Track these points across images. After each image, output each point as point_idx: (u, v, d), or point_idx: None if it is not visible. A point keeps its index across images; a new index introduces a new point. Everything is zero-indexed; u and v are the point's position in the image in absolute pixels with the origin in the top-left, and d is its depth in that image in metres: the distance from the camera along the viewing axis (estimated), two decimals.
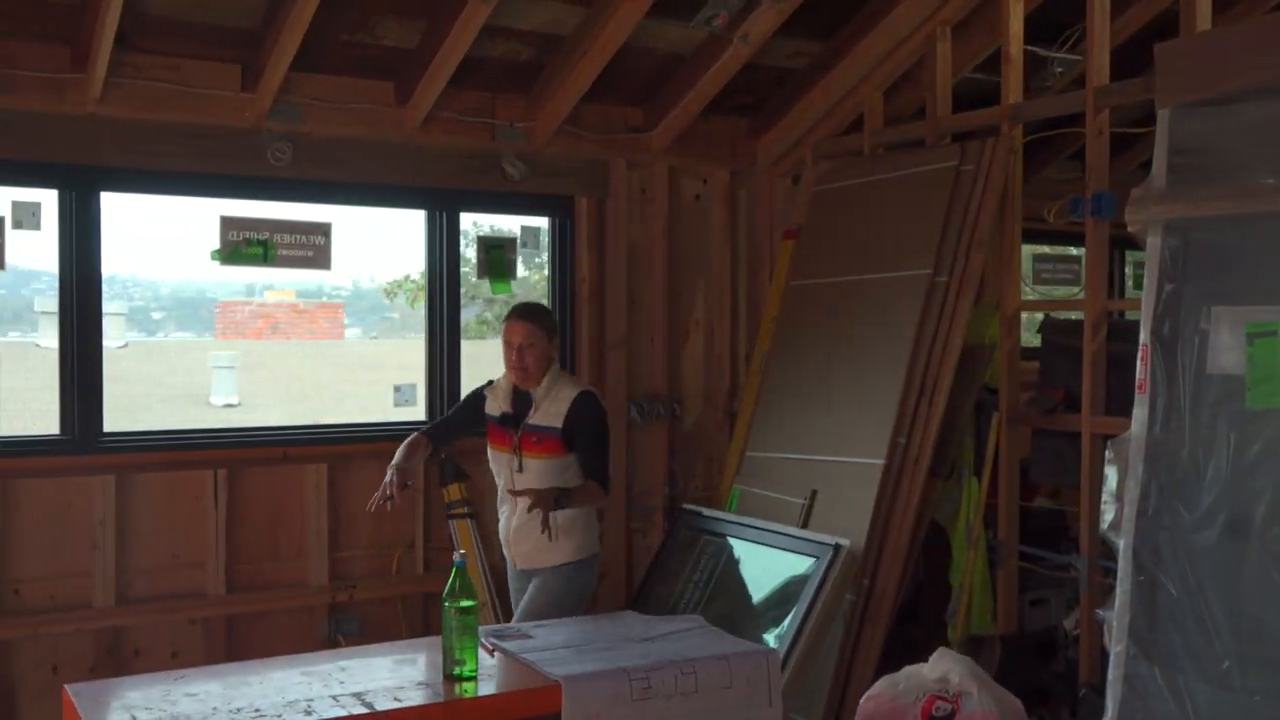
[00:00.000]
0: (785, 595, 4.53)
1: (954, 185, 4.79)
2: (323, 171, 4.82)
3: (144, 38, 4.32)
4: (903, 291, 4.83)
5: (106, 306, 4.73)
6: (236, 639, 4.75)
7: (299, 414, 12.86)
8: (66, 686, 2.79)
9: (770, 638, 4.38)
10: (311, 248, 4.88)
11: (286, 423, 9.05)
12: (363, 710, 2.57)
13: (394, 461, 4.15)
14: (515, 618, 4.18)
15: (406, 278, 18.06)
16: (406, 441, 4.25)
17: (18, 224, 4.35)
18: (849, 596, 4.50)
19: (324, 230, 4.90)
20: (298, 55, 4.36)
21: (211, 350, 15.48)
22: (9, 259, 4.36)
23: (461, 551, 2.88)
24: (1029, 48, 5.00)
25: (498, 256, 5.35)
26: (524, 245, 5.56)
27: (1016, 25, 4.77)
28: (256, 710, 2.55)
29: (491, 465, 4.26)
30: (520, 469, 4.07)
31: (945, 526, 4.98)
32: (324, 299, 21.49)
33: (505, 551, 4.29)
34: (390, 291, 18.70)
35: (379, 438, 5.13)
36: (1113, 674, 3.69)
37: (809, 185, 5.59)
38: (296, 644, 4.75)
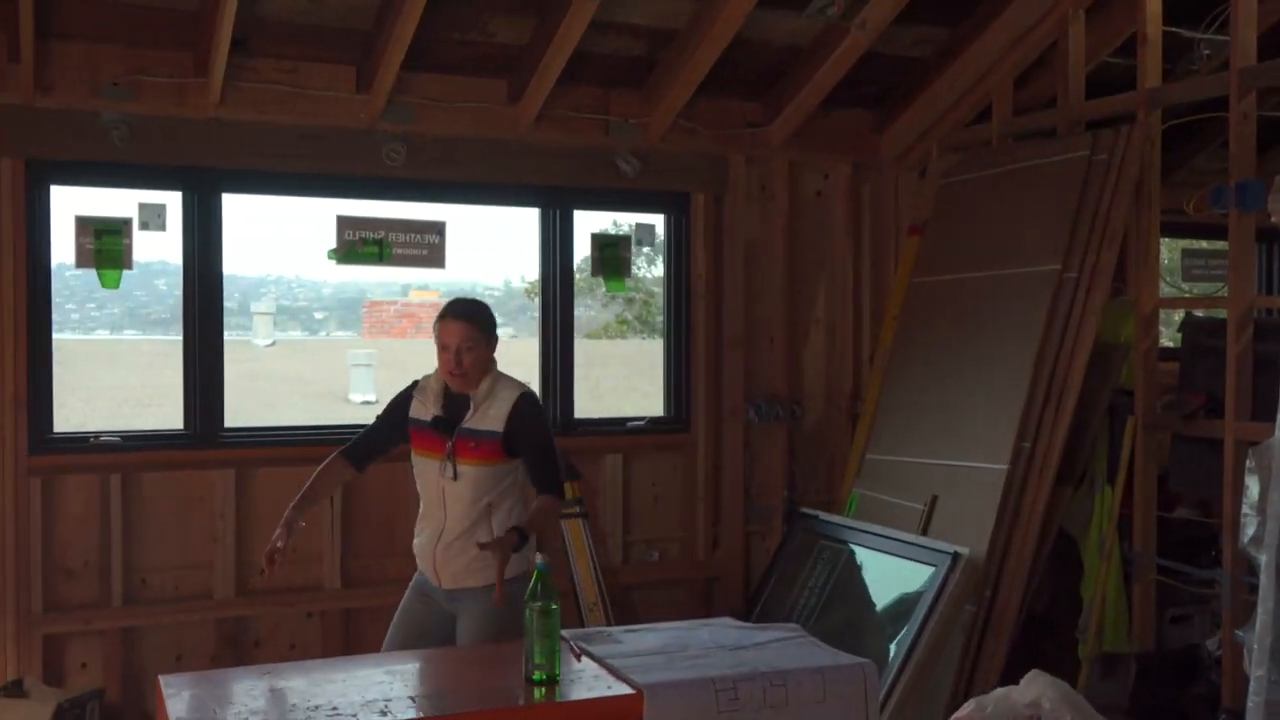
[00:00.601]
0: (903, 604, 4.36)
1: (1086, 176, 4.54)
2: (436, 171, 4.85)
3: (262, 42, 4.42)
4: (1030, 288, 4.60)
5: (255, 306, 4.85)
6: (352, 633, 4.82)
7: None
8: (160, 677, 2.84)
9: (889, 648, 4.22)
10: (426, 246, 4.92)
11: None
12: (438, 712, 2.54)
13: (291, 505, 3.65)
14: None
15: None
16: (320, 467, 3.72)
17: (144, 225, 4.49)
18: (969, 607, 4.30)
19: (438, 229, 4.93)
20: (410, 55, 4.39)
21: (351, 349, 15.92)
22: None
23: (543, 556, 2.81)
24: (1173, 30, 4.70)
25: (612, 254, 5.30)
26: (639, 243, 5.50)
27: (1154, 5, 4.50)
28: (334, 708, 2.54)
29: (416, 474, 3.69)
30: (455, 476, 3.54)
31: (1076, 537, 4.73)
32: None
33: (423, 567, 3.69)
34: (531, 291, 18.95)
35: None
36: (1252, 701, 3.42)
37: (934, 178, 5.38)
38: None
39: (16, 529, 4.31)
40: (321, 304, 27.75)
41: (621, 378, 14.24)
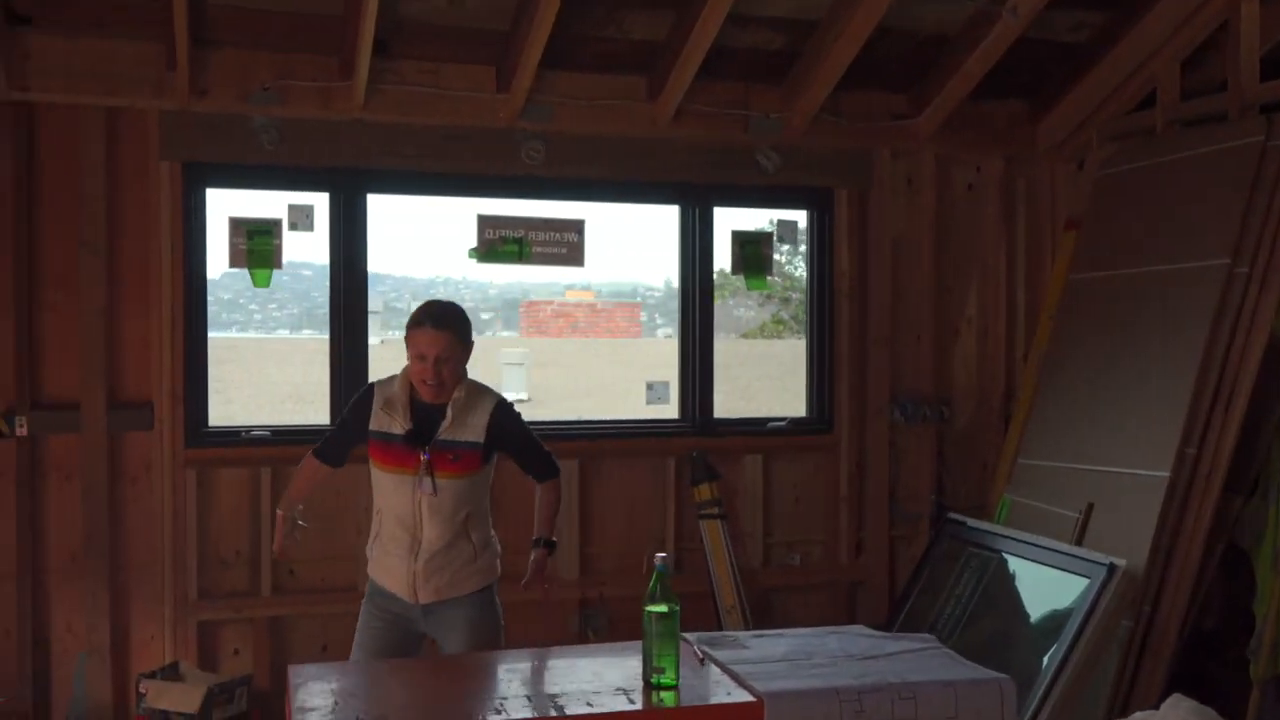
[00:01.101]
0: (1055, 618, 4.14)
1: (1259, 163, 4.23)
2: (575, 169, 4.85)
3: (403, 44, 4.49)
4: (1197, 284, 4.32)
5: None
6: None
7: (581, 410, 13.24)
8: (290, 666, 2.89)
9: (1040, 664, 4.02)
10: (565, 245, 4.92)
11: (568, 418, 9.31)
12: (553, 713, 2.51)
13: (281, 504, 3.69)
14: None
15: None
16: (301, 469, 3.66)
17: (293, 226, 4.62)
18: (1126, 623, 4.07)
19: (576, 227, 4.93)
20: (548, 54, 4.39)
21: (503, 348, 16.21)
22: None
23: (662, 555, 2.74)
24: None
25: (753, 252, 5.21)
26: (780, 240, 5.39)
27: None
28: (452, 704, 2.53)
29: (376, 489, 3.48)
30: (435, 491, 3.32)
31: (1248, 550, 4.41)
32: (637, 298, 22.05)
33: (392, 586, 3.45)
34: None
35: (630, 435, 5.13)
36: None
37: (1093, 170, 5.11)
38: (548, 637, 4.78)
39: (174, 519, 4.48)
40: (487, 304, 28.49)
41: (774, 378, 14.09)
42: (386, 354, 4.84)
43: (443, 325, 3.32)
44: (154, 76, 4.31)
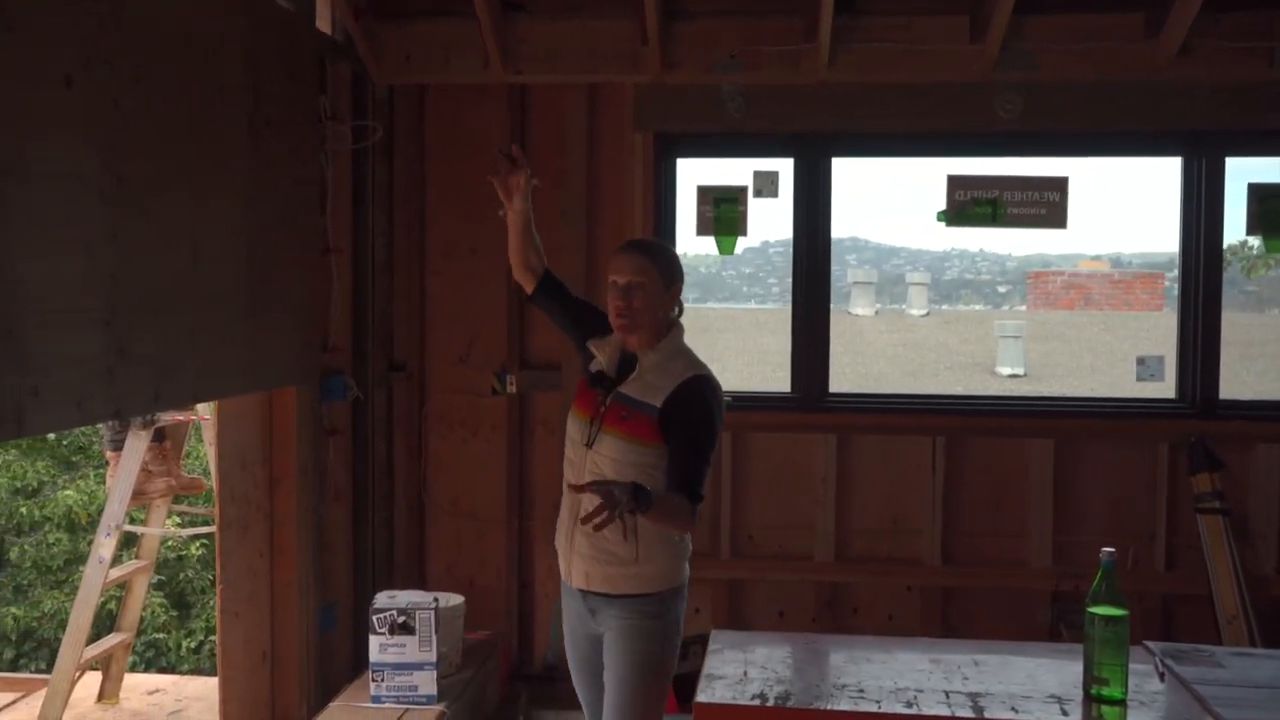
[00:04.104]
0: None
1: None
2: (1055, 121, 4.42)
3: (873, 0, 4.32)
4: None
5: (911, 277, 4.84)
6: (952, 611, 4.61)
7: (1082, 388, 12.25)
8: (713, 631, 2.88)
9: None
10: (1045, 205, 4.51)
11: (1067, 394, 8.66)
12: (969, 714, 2.27)
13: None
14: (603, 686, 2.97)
15: (1244, 244, 16.26)
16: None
17: (758, 193, 4.62)
18: None
19: (1059, 185, 4.50)
20: None
21: (998, 320, 15.41)
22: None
23: (1109, 550, 2.40)
24: None
25: (1274, 208, 4.48)
26: None
27: None
28: (860, 690, 2.38)
29: (568, 433, 3.02)
30: (591, 443, 2.86)
31: None
32: (1172, 270, 20.15)
33: (562, 568, 3.02)
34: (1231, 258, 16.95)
35: (1115, 414, 4.64)
36: None
37: None
38: (1013, 628, 4.48)
39: None
40: (1005, 277, 27.44)
41: None
42: (879, 325, 4.73)
43: (640, 250, 2.96)
44: (629, 52, 4.48)
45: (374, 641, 3.82)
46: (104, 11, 2.68)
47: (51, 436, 10.89)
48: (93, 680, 4.84)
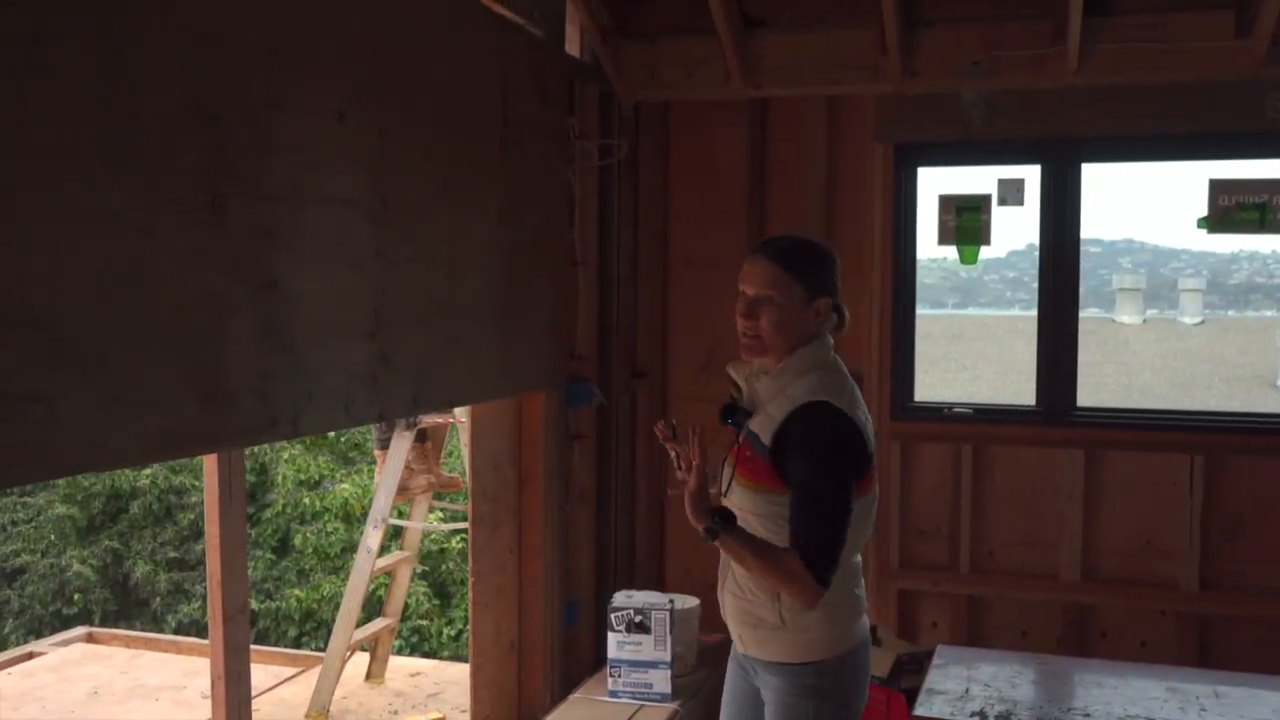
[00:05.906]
0: None
1: None
2: None
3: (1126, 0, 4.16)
4: None
5: (1183, 284, 4.68)
6: (1210, 641, 4.37)
7: None
8: (939, 646, 2.87)
9: None
10: None
11: None
12: None
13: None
14: None
15: None
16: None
17: (1002, 201, 4.52)
18: None
19: None
20: None
21: (1276, 329, 14.21)
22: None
23: None
24: None
25: None
26: None
27: None
28: (1086, 715, 2.33)
29: None
30: (726, 491, 2.43)
31: None
32: None
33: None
34: None
35: None
36: None
37: None
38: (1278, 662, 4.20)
39: (881, 488, 4.65)
40: None
41: None
42: (1147, 333, 4.55)
43: (773, 255, 2.38)
44: (868, 63, 4.46)
45: (611, 639, 3.99)
46: (372, 50, 2.94)
47: (331, 434, 11.80)
48: (361, 660, 5.24)
